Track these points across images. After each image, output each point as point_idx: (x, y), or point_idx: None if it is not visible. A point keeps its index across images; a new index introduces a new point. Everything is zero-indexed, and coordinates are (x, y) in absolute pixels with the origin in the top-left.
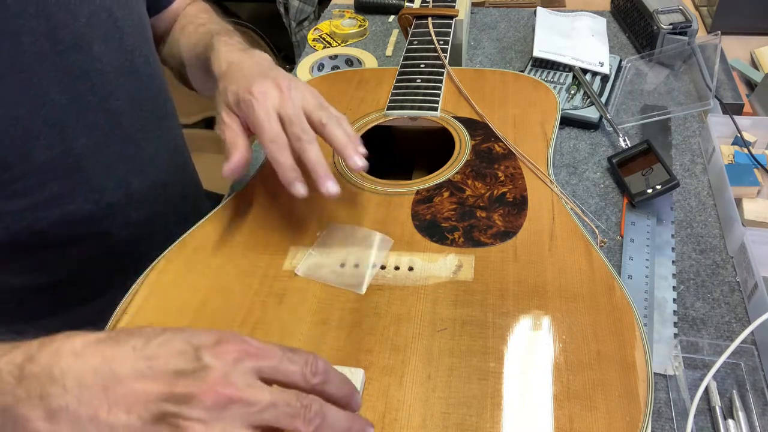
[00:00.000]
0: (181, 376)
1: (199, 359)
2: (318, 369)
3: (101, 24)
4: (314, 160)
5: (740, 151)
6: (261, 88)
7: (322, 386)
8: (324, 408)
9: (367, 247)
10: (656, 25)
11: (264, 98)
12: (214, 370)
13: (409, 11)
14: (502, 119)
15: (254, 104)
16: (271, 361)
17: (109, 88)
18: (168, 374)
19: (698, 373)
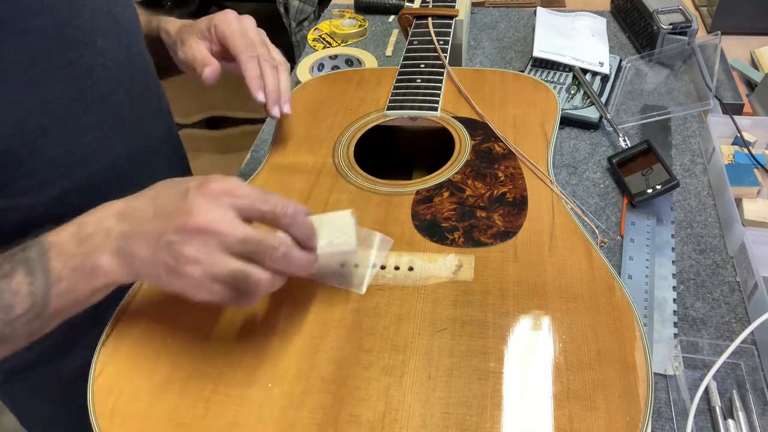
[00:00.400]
0: (174, 213)
1: (185, 197)
2: (288, 211)
3: (103, 19)
4: (271, 84)
5: (740, 151)
6: (224, 16)
7: (289, 227)
8: (289, 250)
9: (368, 247)
10: (656, 25)
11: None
12: (196, 205)
13: (409, 11)
14: (502, 119)
15: (225, 24)
16: (247, 200)
17: (111, 84)
18: (167, 213)
19: (698, 373)
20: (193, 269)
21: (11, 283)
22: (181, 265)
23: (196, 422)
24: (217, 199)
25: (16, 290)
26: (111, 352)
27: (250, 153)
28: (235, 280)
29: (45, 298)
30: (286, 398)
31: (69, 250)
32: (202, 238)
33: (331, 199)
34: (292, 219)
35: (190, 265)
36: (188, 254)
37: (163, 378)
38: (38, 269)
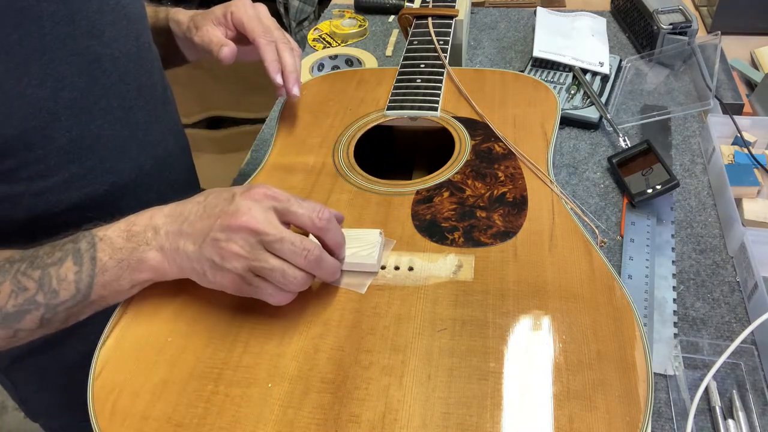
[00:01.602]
0: (222, 213)
1: (233, 201)
2: (323, 216)
3: (110, 10)
4: (291, 66)
5: (740, 151)
6: (240, 3)
7: (323, 232)
8: (322, 254)
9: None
10: (656, 25)
11: (246, 7)
12: (241, 206)
13: (409, 11)
14: (502, 119)
15: (241, 10)
16: (287, 204)
17: (119, 73)
18: (214, 214)
19: (698, 373)
20: (236, 264)
21: (60, 270)
22: (226, 261)
23: (196, 422)
24: (260, 201)
25: (64, 276)
26: (111, 352)
27: (250, 153)
28: (274, 276)
29: (89, 286)
30: (286, 398)
31: (117, 244)
32: (245, 235)
33: (330, 199)
34: (327, 224)
35: (234, 260)
36: (233, 250)
37: (163, 378)
38: (86, 259)
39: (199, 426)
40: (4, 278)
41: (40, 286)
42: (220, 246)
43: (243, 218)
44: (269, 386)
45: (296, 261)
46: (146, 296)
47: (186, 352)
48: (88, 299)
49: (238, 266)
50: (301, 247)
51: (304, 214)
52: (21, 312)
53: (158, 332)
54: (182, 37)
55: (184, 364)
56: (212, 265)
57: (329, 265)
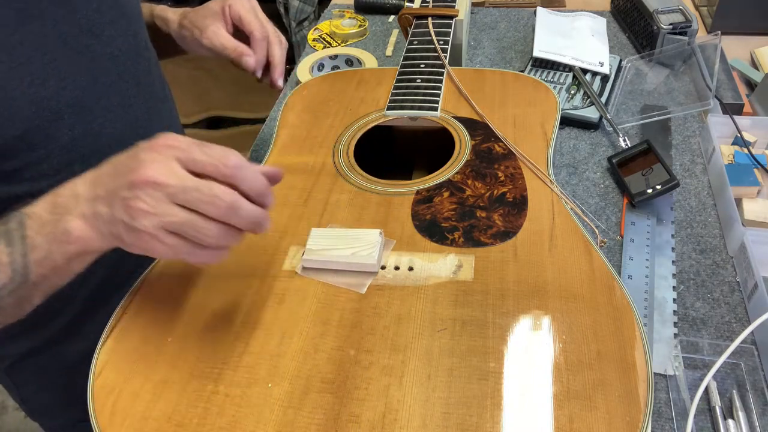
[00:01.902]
0: (125, 170)
1: (136, 156)
2: (230, 163)
3: (109, 9)
4: (279, 58)
5: (740, 151)
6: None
7: (235, 180)
8: (237, 200)
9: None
10: (656, 25)
11: (243, 2)
12: (143, 160)
13: (409, 11)
14: (502, 119)
15: (239, 4)
16: (188, 154)
17: (118, 71)
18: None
19: (698, 373)
20: (145, 222)
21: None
22: (135, 219)
23: (196, 422)
24: (162, 152)
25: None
26: (111, 352)
27: (250, 153)
28: (185, 230)
29: (24, 266)
30: (286, 398)
31: (43, 218)
32: (150, 190)
33: (330, 199)
34: (235, 171)
35: (142, 217)
36: (139, 207)
37: (163, 378)
38: (16, 239)
39: (199, 426)
40: None
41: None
42: (127, 205)
43: (145, 172)
44: (269, 386)
45: (207, 210)
46: (146, 296)
47: (186, 352)
48: (28, 280)
49: (148, 224)
50: (210, 194)
51: (207, 161)
52: None
53: (158, 332)
54: (173, 34)
55: (184, 364)
56: (125, 227)
57: (248, 213)
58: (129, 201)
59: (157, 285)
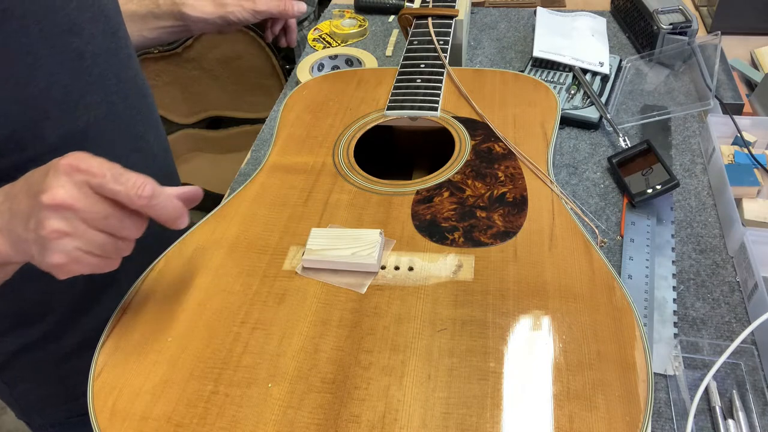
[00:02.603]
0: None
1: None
2: (144, 193)
3: (88, 8)
4: None
5: (740, 151)
6: None
7: (148, 210)
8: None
9: None
10: (656, 25)
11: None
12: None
13: (409, 11)
14: (502, 119)
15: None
16: (100, 179)
17: (100, 69)
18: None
19: (698, 373)
20: (61, 244)
21: None
22: (49, 241)
23: (196, 422)
24: (73, 176)
25: None
26: (111, 352)
27: (250, 153)
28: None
29: None
30: (286, 398)
31: None
32: (62, 213)
33: (330, 199)
34: (149, 201)
35: (58, 239)
36: (53, 228)
37: (163, 378)
38: None
39: (199, 426)
40: None
41: None
42: (40, 225)
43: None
44: (269, 386)
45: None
46: (146, 296)
47: (186, 352)
48: None
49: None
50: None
51: (120, 190)
52: None
53: (158, 332)
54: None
55: (184, 364)
56: (39, 246)
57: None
58: (41, 224)
59: (157, 285)
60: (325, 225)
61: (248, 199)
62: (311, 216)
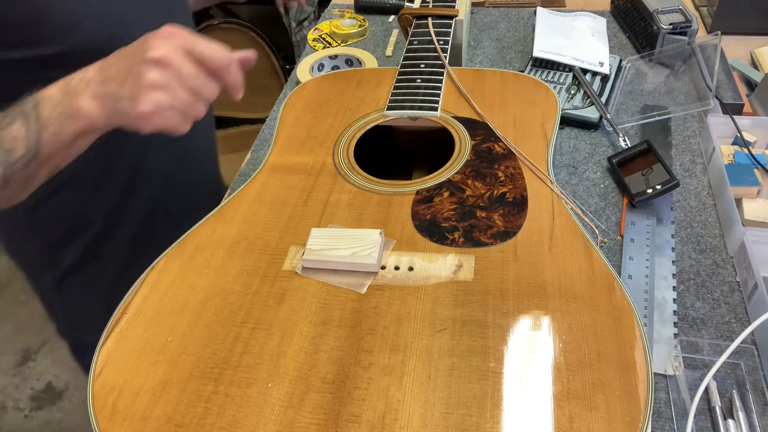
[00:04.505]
0: (137, 53)
1: (145, 41)
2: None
3: None
4: None
5: (740, 151)
6: None
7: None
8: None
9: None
10: (656, 25)
11: None
12: (153, 44)
13: (409, 11)
14: (502, 119)
15: None
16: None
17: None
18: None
19: (698, 373)
20: (154, 95)
21: (11, 131)
22: (144, 91)
23: (196, 422)
24: (169, 39)
25: (15, 136)
26: (111, 352)
27: (250, 153)
28: (181, 108)
29: (38, 141)
30: (286, 398)
31: (56, 99)
32: (161, 68)
33: (330, 199)
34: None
35: (152, 90)
36: (150, 81)
37: (163, 378)
38: (32, 117)
39: (199, 426)
40: None
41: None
42: (139, 79)
43: (156, 53)
44: (269, 386)
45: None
46: (146, 296)
47: (186, 352)
48: (39, 155)
49: (154, 98)
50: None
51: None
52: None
53: (158, 332)
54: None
55: (184, 364)
56: (131, 102)
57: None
58: (141, 77)
59: (157, 285)
60: (325, 225)
61: (248, 199)
62: (311, 216)
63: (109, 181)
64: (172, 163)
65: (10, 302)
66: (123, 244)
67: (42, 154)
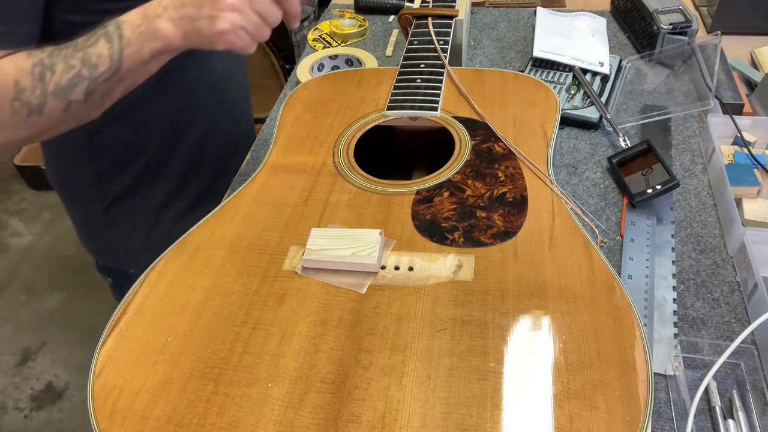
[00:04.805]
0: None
1: None
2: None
3: None
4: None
5: (740, 151)
6: None
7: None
8: None
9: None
10: (656, 25)
11: None
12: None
13: (409, 11)
14: (502, 119)
15: None
16: None
17: None
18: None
19: (698, 373)
20: (231, 16)
21: (96, 48)
22: (222, 12)
23: (196, 422)
24: None
25: (100, 53)
26: (111, 352)
27: (250, 153)
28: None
29: (120, 58)
30: (286, 398)
31: (136, 22)
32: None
33: (330, 199)
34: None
35: (230, 11)
36: (228, 3)
37: (163, 378)
38: (115, 37)
39: (199, 426)
40: (57, 60)
41: (84, 63)
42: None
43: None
44: (269, 386)
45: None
46: (146, 296)
47: (186, 352)
48: (119, 72)
49: (230, 18)
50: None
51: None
52: (72, 85)
53: (158, 332)
54: None
55: (184, 364)
56: (209, 22)
57: None
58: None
59: (157, 285)
60: (325, 225)
61: (248, 199)
62: (311, 216)
63: (162, 116)
64: (216, 104)
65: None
66: (169, 176)
67: (122, 70)
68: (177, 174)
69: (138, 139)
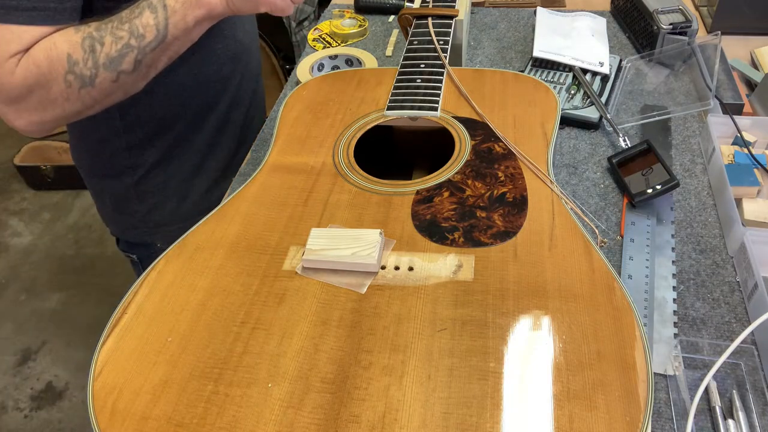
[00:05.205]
0: None
1: None
2: None
3: None
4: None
5: (740, 151)
6: None
7: None
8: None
9: None
10: (656, 25)
11: None
12: None
13: (409, 11)
14: (502, 119)
15: None
16: None
17: None
18: None
19: (698, 373)
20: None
21: (142, 19)
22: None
23: (196, 422)
24: None
25: (146, 23)
26: (111, 352)
27: (250, 153)
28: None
29: (165, 27)
30: (286, 398)
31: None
32: None
33: (330, 199)
34: None
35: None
36: None
37: (163, 378)
38: (160, 7)
39: (199, 426)
40: (105, 33)
41: (131, 34)
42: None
43: None
44: (269, 386)
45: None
46: (146, 296)
47: (186, 352)
48: (165, 40)
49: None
50: None
51: None
52: (121, 55)
53: (158, 332)
54: None
55: (184, 364)
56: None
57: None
58: None
59: (157, 285)
60: (325, 225)
61: (248, 199)
62: (311, 216)
63: (194, 87)
64: (240, 76)
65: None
66: (199, 146)
67: (168, 38)
68: (204, 145)
69: (171, 110)
